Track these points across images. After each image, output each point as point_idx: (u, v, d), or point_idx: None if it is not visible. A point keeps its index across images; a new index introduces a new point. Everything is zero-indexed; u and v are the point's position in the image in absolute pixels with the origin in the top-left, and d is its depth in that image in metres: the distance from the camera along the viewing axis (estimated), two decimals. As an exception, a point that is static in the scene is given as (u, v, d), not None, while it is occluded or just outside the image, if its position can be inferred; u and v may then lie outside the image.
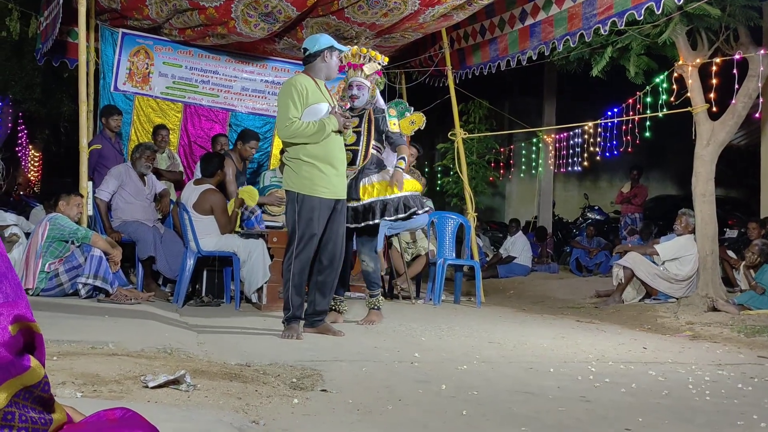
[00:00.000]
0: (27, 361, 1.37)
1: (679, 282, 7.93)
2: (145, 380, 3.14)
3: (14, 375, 1.33)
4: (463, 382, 3.80)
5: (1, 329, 1.33)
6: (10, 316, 1.35)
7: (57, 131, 17.29)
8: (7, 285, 1.37)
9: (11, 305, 1.36)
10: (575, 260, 12.73)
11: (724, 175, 9.21)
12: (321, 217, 5.07)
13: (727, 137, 7.74)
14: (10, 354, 1.34)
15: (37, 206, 9.84)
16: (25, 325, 1.38)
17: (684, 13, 7.02)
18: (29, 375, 1.36)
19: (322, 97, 5.16)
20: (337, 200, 5.18)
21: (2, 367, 1.32)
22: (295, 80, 5.18)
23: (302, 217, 5.04)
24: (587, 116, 11.11)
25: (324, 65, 5.20)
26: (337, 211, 5.19)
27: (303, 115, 5.06)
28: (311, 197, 5.04)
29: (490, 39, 8.51)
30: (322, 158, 5.07)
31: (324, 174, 5.06)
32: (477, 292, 8.03)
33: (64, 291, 6.24)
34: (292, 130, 5.02)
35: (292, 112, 5.02)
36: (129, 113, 8.57)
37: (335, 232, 5.20)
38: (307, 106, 5.07)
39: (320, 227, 5.09)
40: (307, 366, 3.93)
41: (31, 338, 1.41)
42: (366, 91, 5.81)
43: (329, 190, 5.09)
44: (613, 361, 4.72)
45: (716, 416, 3.30)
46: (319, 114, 5.08)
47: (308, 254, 5.07)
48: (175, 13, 7.70)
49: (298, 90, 5.06)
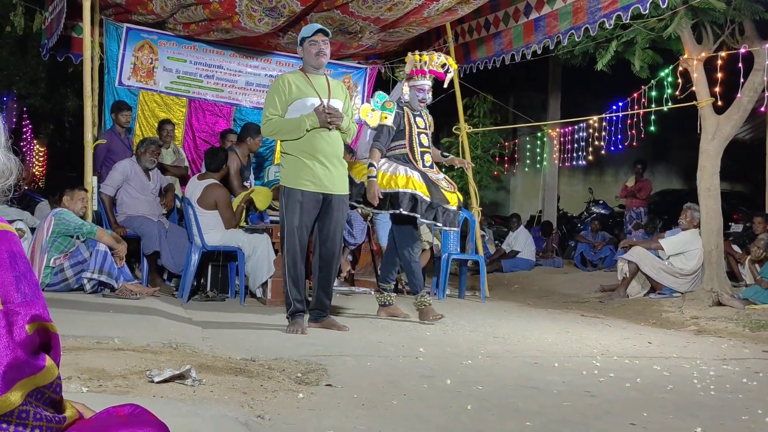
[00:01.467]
0: (42, 360, 1.38)
1: (684, 276, 7.92)
2: (150, 375, 3.15)
3: (28, 375, 1.34)
4: (468, 376, 3.80)
5: (19, 329, 1.33)
6: (28, 315, 1.36)
7: (62, 126, 17.31)
8: (25, 284, 1.38)
9: (29, 305, 1.37)
10: (580, 255, 12.71)
11: (730, 170, 9.16)
12: (305, 209, 5.09)
13: (733, 131, 7.72)
14: (25, 353, 1.34)
15: (42, 201, 9.84)
16: (42, 325, 1.39)
17: (689, 6, 6.99)
18: (42, 375, 1.36)
19: (310, 91, 5.17)
20: (328, 195, 5.15)
21: (17, 366, 1.32)
22: (281, 78, 5.30)
23: (287, 209, 5.12)
24: (592, 110, 11.09)
25: (304, 58, 5.27)
26: (332, 206, 5.17)
27: (289, 110, 5.15)
28: (295, 190, 5.09)
29: (495, 33, 8.49)
30: (307, 152, 5.10)
31: (309, 167, 5.09)
32: (481, 287, 8.03)
33: (69, 286, 6.26)
34: (269, 127, 5.18)
35: (270, 110, 5.16)
36: (134, 108, 8.58)
37: (330, 228, 5.20)
38: (291, 102, 5.14)
39: (305, 220, 5.11)
40: (312, 361, 3.93)
41: (47, 338, 1.42)
42: (430, 94, 6.09)
43: (314, 183, 5.09)
44: (617, 355, 4.72)
45: (721, 411, 3.30)
46: (306, 107, 5.13)
47: (294, 247, 5.10)
48: (179, 8, 7.70)
49: (280, 87, 5.17)
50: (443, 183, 5.93)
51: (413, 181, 5.75)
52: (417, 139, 5.96)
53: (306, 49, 5.19)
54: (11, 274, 1.37)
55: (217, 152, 7.11)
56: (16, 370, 1.31)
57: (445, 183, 5.95)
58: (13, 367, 1.31)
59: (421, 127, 6.02)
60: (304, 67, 5.31)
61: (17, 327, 1.33)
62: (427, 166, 5.96)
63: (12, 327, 1.33)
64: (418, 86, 6.01)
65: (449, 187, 5.94)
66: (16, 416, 1.30)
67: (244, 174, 7.97)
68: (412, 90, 6.02)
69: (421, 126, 6.03)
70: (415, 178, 5.78)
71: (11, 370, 1.31)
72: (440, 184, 5.88)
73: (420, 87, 6.01)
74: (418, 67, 6.03)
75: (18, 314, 1.34)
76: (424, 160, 5.96)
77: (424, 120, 6.09)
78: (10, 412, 1.29)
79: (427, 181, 5.82)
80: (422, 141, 5.99)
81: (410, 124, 5.96)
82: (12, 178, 1.48)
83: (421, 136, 6.00)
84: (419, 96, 6.01)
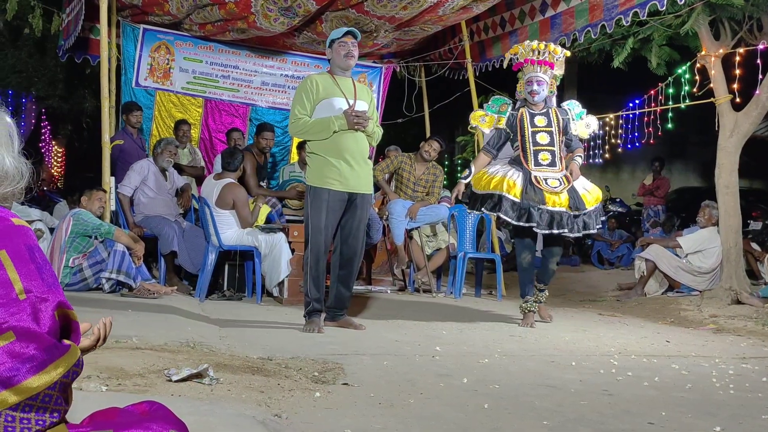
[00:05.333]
0: (64, 342, 1.46)
1: (702, 275, 7.86)
2: (168, 374, 3.17)
3: (59, 356, 1.41)
4: (485, 375, 3.80)
5: (48, 314, 1.41)
6: (55, 302, 1.42)
7: (80, 127, 17.42)
8: (47, 274, 1.44)
9: (54, 292, 1.44)
10: (597, 253, 12.66)
11: (748, 167, 9.10)
12: (331, 209, 5.13)
13: (751, 128, 7.65)
14: (54, 338, 1.43)
15: (60, 201, 9.93)
16: (64, 312, 1.46)
17: (707, 2, 6.93)
18: (71, 354, 1.44)
19: (337, 92, 5.22)
20: (353, 193, 5.19)
21: (48, 349, 1.39)
22: (308, 78, 5.34)
23: (312, 208, 5.16)
24: (609, 108, 11.02)
25: (332, 59, 5.30)
26: (356, 205, 5.21)
27: (316, 110, 5.19)
28: (321, 189, 5.13)
29: (511, 31, 8.46)
30: (334, 152, 5.14)
31: (335, 167, 5.12)
32: (498, 286, 8.01)
33: (88, 285, 6.31)
34: (297, 127, 5.22)
35: (298, 109, 5.20)
36: (150, 109, 8.63)
37: (353, 226, 5.24)
38: (318, 102, 5.19)
39: (331, 219, 5.14)
40: (328, 359, 3.94)
41: (68, 324, 1.49)
42: (545, 86, 5.76)
43: (340, 182, 5.13)
44: (635, 354, 4.70)
45: (740, 410, 3.27)
46: (333, 108, 5.17)
47: (319, 246, 5.12)
48: (195, 9, 7.74)
49: (308, 87, 5.21)
50: (552, 183, 5.60)
51: (507, 182, 5.59)
52: (531, 138, 5.71)
53: (335, 50, 5.24)
54: (33, 265, 1.44)
55: (236, 153, 7.14)
56: (48, 352, 1.36)
57: (557, 183, 5.61)
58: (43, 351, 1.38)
59: (540, 125, 5.74)
60: (331, 69, 5.36)
61: (45, 313, 1.41)
62: (544, 164, 5.67)
63: (39, 314, 1.39)
64: (526, 79, 5.77)
65: (559, 187, 5.58)
66: (40, 400, 1.36)
67: (260, 174, 8.01)
68: (525, 85, 5.78)
69: (541, 124, 5.75)
70: (513, 179, 5.60)
71: (42, 353, 1.38)
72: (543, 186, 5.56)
73: (528, 80, 5.76)
74: (521, 58, 5.79)
75: (45, 301, 1.41)
76: (538, 158, 5.68)
77: (548, 117, 5.77)
78: (35, 396, 1.35)
79: (527, 182, 5.57)
80: (538, 140, 5.71)
81: (523, 124, 5.74)
82: (23, 182, 1.54)
83: (538, 135, 5.72)
84: (528, 89, 5.75)
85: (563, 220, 5.55)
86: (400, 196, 7.92)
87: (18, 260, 1.41)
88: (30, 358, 1.36)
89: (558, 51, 5.81)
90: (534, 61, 5.75)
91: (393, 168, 8.11)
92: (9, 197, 1.54)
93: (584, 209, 5.62)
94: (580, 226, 5.62)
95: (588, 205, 5.65)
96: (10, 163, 1.53)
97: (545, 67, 5.76)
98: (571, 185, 5.65)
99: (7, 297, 1.38)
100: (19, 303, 1.38)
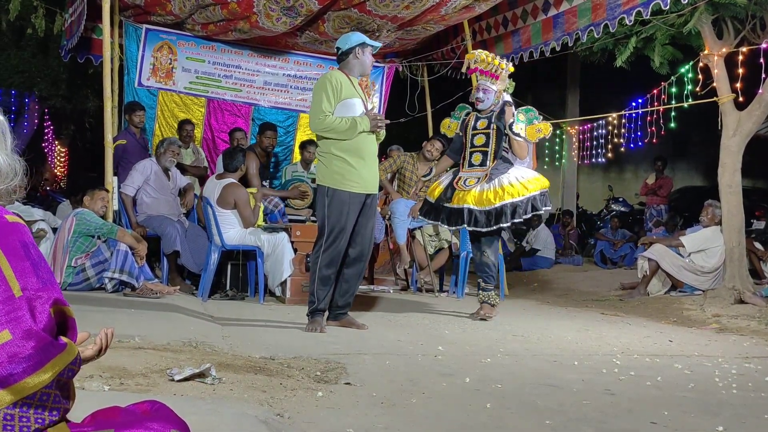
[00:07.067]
0: (61, 339, 1.45)
1: (705, 274, 7.85)
2: (171, 373, 3.18)
3: (55, 355, 1.40)
4: (487, 375, 3.80)
5: (43, 312, 1.41)
6: (51, 299, 1.42)
7: (82, 127, 17.44)
8: (42, 270, 1.44)
9: (49, 289, 1.43)
10: (600, 252, 12.64)
11: (751, 166, 9.05)
12: (351, 211, 5.11)
13: (754, 127, 7.64)
14: (49, 335, 1.42)
15: (63, 201, 9.92)
16: (60, 308, 1.45)
17: (710, 1, 6.92)
18: (68, 352, 1.43)
19: (355, 93, 5.23)
20: (368, 194, 5.20)
21: (44, 348, 1.38)
22: (331, 75, 5.27)
23: (332, 211, 5.08)
24: (611, 107, 11.02)
25: (357, 62, 5.25)
26: (367, 205, 5.21)
27: (336, 109, 5.13)
28: (342, 191, 5.08)
29: (513, 30, 8.45)
30: (354, 152, 5.11)
31: (354, 168, 5.10)
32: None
33: (90, 285, 6.32)
34: (326, 124, 5.10)
35: (325, 105, 5.10)
36: (153, 108, 8.64)
37: (365, 226, 5.24)
38: (340, 101, 5.14)
39: (350, 221, 5.12)
40: (331, 359, 3.95)
41: (64, 321, 1.49)
42: (491, 95, 6.00)
43: (359, 184, 5.12)
44: (638, 354, 4.70)
45: (743, 410, 3.27)
46: (352, 108, 5.15)
47: (337, 248, 5.10)
48: (197, 9, 7.74)
49: (333, 85, 5.14)
50: (469, 182, 5.90)
51: (437, 188, 6.03)
52: (470, 141, 6.03)
53: (365, 54, 5.24)
54: (28, 262, 1.44)
55: (236, 152, 7.14)
56: (44, 352, 1.36)
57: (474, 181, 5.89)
58: (40, 350, 1.37)
59: (480, 128, 6.02)
60: (347, 69, 5.28)
61: (41, 310, 1.41)
62: (475, 165, 5.99)
63: (35, 311, 1.38)
64: (475, 86, 6.08)
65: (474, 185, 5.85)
66: (38, 398, 1.36)
67: (263, 174, 8.01)
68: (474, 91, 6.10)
69: (482, 126, 6.02)
70: (442, 183, 6.02)
71: (38, 352, 1.37)
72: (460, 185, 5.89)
73: (476, 87, 6.09)
74: (472, 66, 6.06)
75: (40, 298, 1.41)
76: (471, 159, 6.02)
77: (490, 120, 5.99)
78: (33, 395, 1.35)
79: (450, 183, 5.95)
80: (475, 142, 6.02)
81: (467, 128, 6.05)
82: (17, 179, 1.54)
83: (476, 137, 6.02)
84: (475, 96, 6.06)
85: (464, 216, 5.82)
86: (403, 196, 7.92)
87: (13, 257, 1.41)
88: (26, 357, 1.35)
89: (503, 66, 6.04)
90: (481, 71, 6.01)
91: (396, 167, 8.12)
92: (3, 194, 1.54)
93: (503, 202, 5.75)
94: (492, 220, 5.77)
95: (512, 196, 5.77)
96: (4, 160, 1.52)
97: (492, 78, 6.00)
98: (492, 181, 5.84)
99: (3, 295, 1.37)
100: (15, 301, 1.37)
